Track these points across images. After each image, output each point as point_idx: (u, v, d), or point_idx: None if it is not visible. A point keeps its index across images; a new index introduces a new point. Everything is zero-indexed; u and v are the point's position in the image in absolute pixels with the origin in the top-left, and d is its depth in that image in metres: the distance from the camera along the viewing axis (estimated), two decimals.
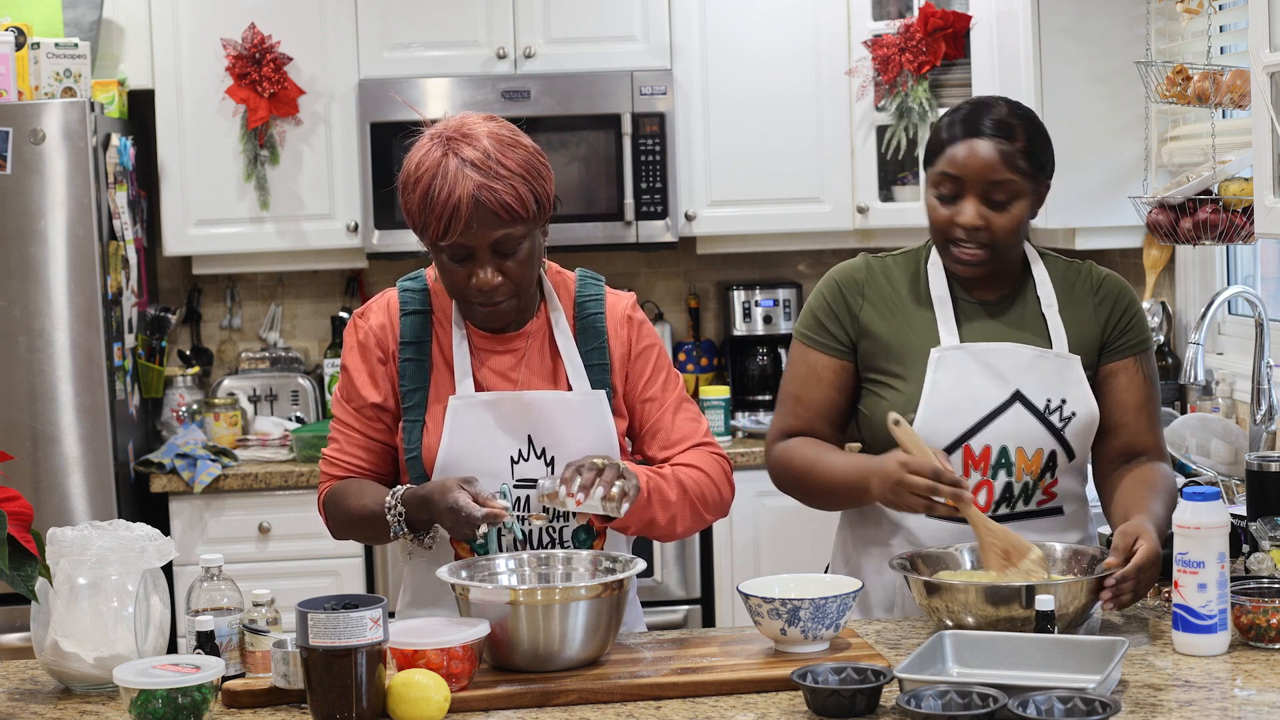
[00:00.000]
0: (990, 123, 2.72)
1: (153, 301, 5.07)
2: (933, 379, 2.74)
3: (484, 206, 2.51)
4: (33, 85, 4.51)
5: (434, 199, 2.52)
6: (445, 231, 2.52)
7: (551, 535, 2.65)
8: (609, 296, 2.76)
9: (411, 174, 2.56)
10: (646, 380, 2.73)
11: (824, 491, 2.80)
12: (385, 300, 2.72)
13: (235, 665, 2.38)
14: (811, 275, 5.40)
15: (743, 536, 4.76)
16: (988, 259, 2.74)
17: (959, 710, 2.10)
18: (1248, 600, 2.46)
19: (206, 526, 4.68)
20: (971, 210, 2.71)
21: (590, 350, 2.70)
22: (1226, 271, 4.29)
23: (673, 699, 2.31)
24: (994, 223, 2.72)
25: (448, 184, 2.51)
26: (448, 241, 2.53)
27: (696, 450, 2.71)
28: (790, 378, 2.87)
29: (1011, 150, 2.71)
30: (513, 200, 2.52)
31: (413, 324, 2.68)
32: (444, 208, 2.51)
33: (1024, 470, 2.74)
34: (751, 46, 5.00)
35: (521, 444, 2.64)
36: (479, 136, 2.54)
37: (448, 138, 2.55)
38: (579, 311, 2.72)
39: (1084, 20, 4.17)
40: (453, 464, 2.61)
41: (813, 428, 2.83)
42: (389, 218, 4.87)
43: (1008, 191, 2.71)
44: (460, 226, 2.51)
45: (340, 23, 4.90)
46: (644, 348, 2.74)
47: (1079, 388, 2.77)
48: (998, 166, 2.70)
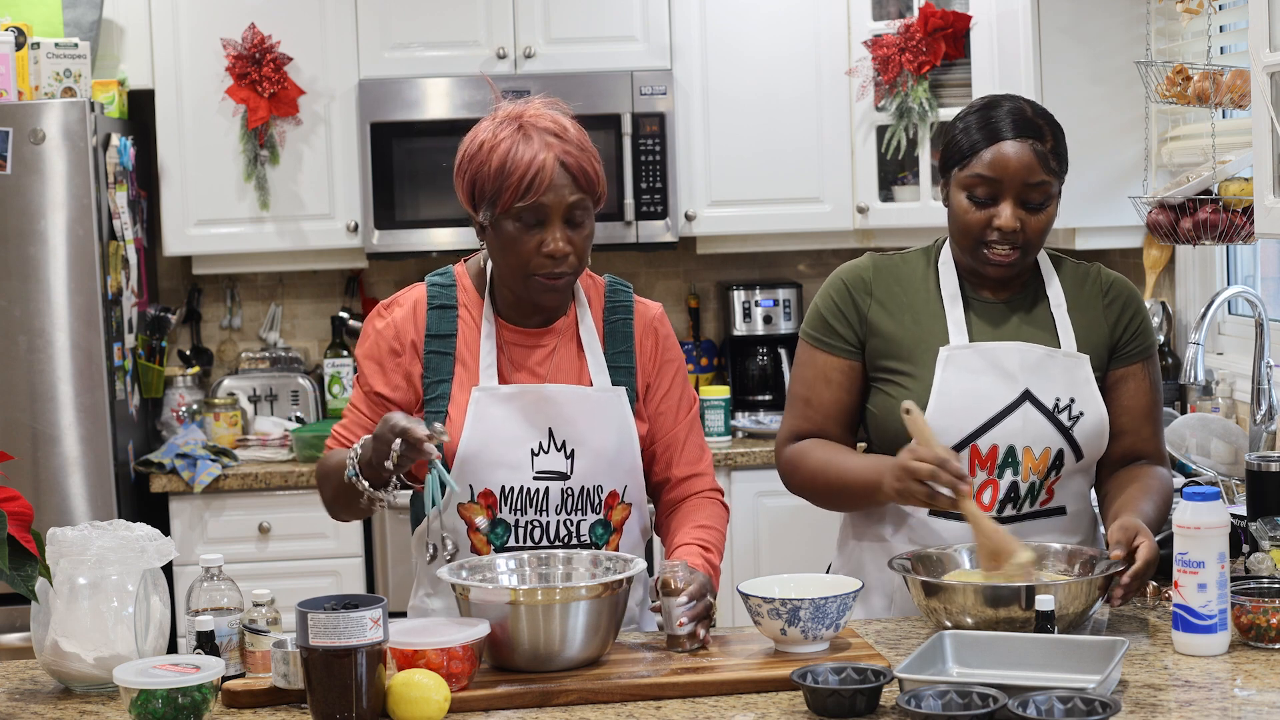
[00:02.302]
0: (1020, 124, 2.73)
1: (153, 301, 5.07)
2: (941, 377, 2.74)
3: (566, 170, 2.59)
4: (33, 85, 4.51)
5: (515, 162, 2.58)
6: (527, 191, 2.57)
7: (569, 529, 2.66)
8: (638, 305, 2.80)
9: (485, 144, 2.62)
10: (666, 394, 2.78)
11: (837, 493, 2.79)
12: (414, 295, 2.74)
13: (235, 665, 2.38)
14: (811, 275, 5.40)
15: (743, 536, 4.76)
16: (1019, 260, 2.75)
17: (959, 710, 2.10)
18: (1248, 600, 2.46)
19: (206, 526, 4.68)
20: (1009, 212, 2.72)
21: (617, 353, 2.73)
22: (1226, 271, 4.30)
23: (673, 699, 2.31)
24: (1029, 224, 2.73)
25: (531, 149, 2.59)
26: (527, 201, 2.58)
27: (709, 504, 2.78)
28: (798, 379, 2.87)
29: (1044, 150, 2.72)
30: (590, 169, 2.62)
31: (439, 317, 2.70)
32: (527, 168, 2.57)
33: (1031, 470, 2.74)
34: (751, 46, 5.00)
35: (543, 436, 2.65)
36: (549, 114, 2.65)
37: (518, 115, 2.64)
38: (608, 315, 2.76)
39: (1084, 20, 4.17)
40: (473, 454, 2.63)
41: (823, 429, 2.83)
42: (389, 218, 4.87)
43: (1044, 193, 2.73)
44: (543, 187, 2.57)
45: (340, 23, 4.90)
46: (667, 360, 2.79)
47: (1088, 387, 2.77)
48: (1035, 168, 2.71)
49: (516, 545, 2.65)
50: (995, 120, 2.74)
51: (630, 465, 2.70)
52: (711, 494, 2.81)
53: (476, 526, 2.65)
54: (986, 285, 2.83)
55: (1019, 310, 2.82)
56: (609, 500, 2.68)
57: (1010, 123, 2.73)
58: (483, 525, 2.64)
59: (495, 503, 2.65)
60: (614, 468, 2.68)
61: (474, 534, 2.66)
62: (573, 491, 2.66)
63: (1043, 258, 2.87)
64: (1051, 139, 2.74)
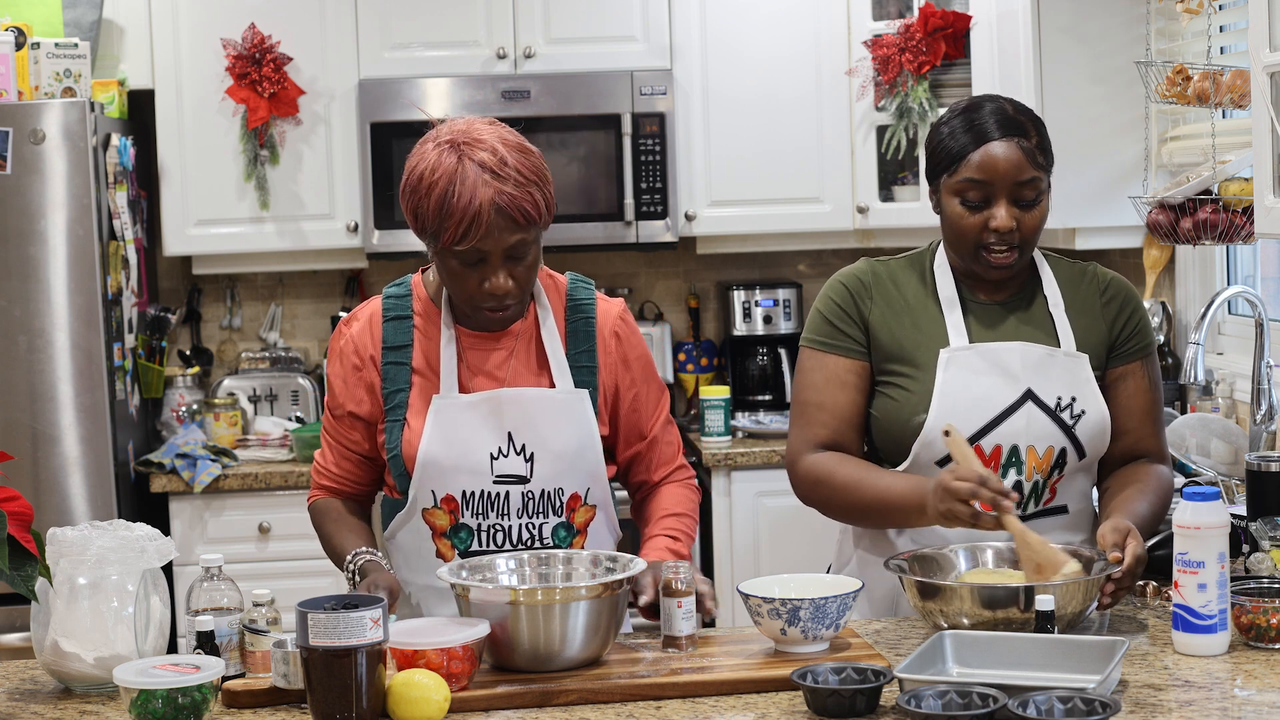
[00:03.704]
0: (1004, 123, 2.73)
1: (153, 301, 5.07)
2: (943, 379, 2.74)
3: (503, 212, 2.53)
4: (33, 85, 4.51)
5: (452, 204, 2.52)
6: (464, 236, 2.53)
7: (531, 532, 2.67)
8: (600, 303, 2.78)
9: (424, 178, 2.56)
10: (636, 393, 2.77)
11: (873, 511, 2.75)
12: (370, 309, 2.76)
13: (235, 665, 2.38)
14: (811, 275, 5.40)
15: (743, 536, 4.76)
16: (1018, 259, 2.76)
17: (959, 710, 2.10)
18: (1248, 600, 2.46)
19: (206, 526, 4.68)
20: (1004, 213, 2.72)
21: (579, 353, 2.72)
22: (1226, 271, 4.29)
23: (673, 699, 2.31)
24: (1024, 222, 2.73)
25: (467, 189, 2.52)
26: (464, 246, 2.55)
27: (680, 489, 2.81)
28: (807, 386, 2.83)
29: (1031, 147, 2.72)
30: (529, 206, 2.55)
31: (394, 329, 2.71)
32: (464, 213, 2.52)
33: (1034, 469, 2.74)
34: (751, 46, 5.00)
35: (501, 441, 2.66)
36: (490, 141, 2.56)
37: (458, 142, 2.56)
38: (570, 315, 2.74)
39: (1084, 20, 4.17)
40: (432, 460, 2.65)
41: (840, 435, 2.80)
42: (389, 218, 4.87)
43: (1035, 189, 2.73)
44: (480, 231, 2.53)
45: (340, 23, 4.90)
46: (636, 356, 2.78)
47: (1088, 386, 2.78)
48: (1024, 165, 2.71)
49: (480, 549, 2.67)
50: (979, 122, 2.73)
51: (592, 467, 2.70)
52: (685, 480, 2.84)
53: (440, 531, 2.68)
54: (983, 287, 2.83)
55: (1016, 311, 2.82)
56: (570, 503, 2.69)
57: (995, 123, 2.72)
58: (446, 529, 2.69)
59: (458, 508, 2.67)
60: (574, 470, 2.68)
61: (439, 539, 2.68)
62: (533, 495, 2.66)
63: (1038, 257, 2.87)
64: (1036, 135, 2.74)
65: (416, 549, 2.71)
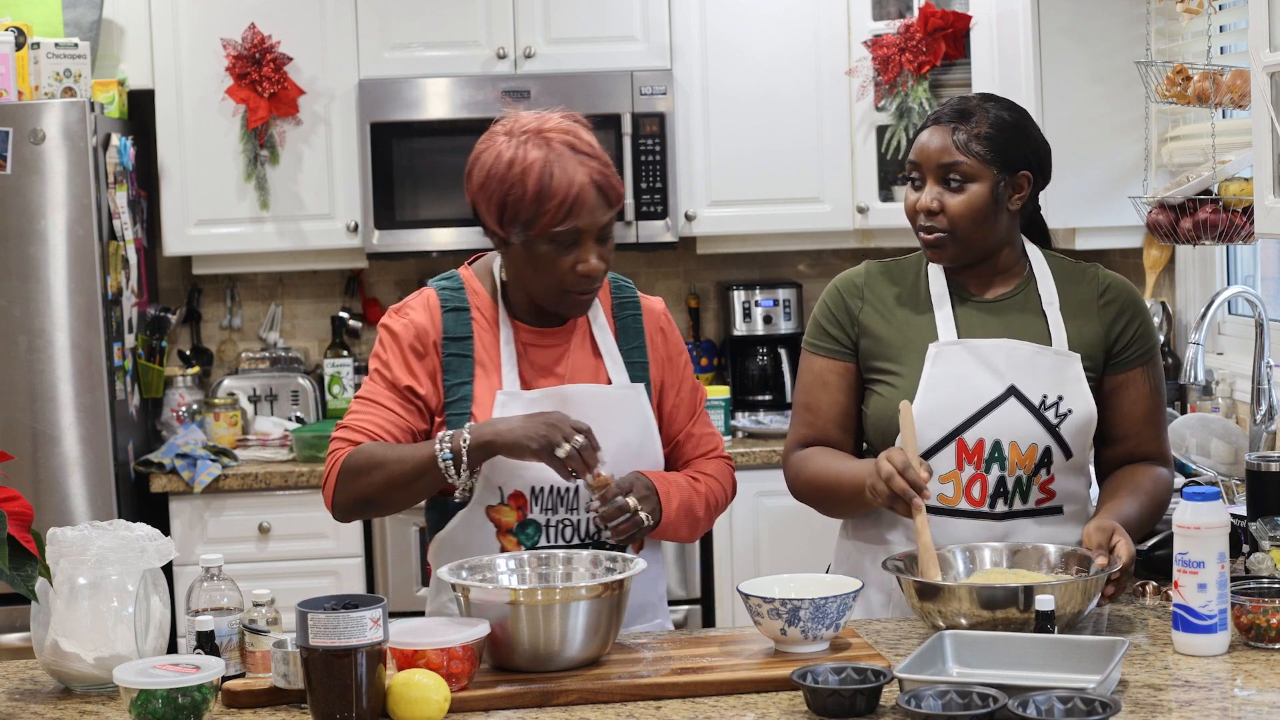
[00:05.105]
0: (951, 111, 2.80)
1: (153, 301, 5.07)
2: (929, 373, 2.76)
3: (601, 191, 2.59)
4: (33, 85, 4.51)
5: (552, 186, 2.56)
6: (566, 216, 2.57)
7: (598, 525, 2.66)
8: (643, 300, 2.82)
9: (514, 165, 2.58)
10: (679, 387, 2.80)
11: (833, 497, 2.80)
12: (424, 298, 2.73)
13: (235, 665, 2.38)
14: (812, 275, 5.40)
15: (743, 536, 4.76)
16: (948, 243, 2.79)
17: (959, 710, 2.10)
18: (1248, 600, 2.46)
19: (206, 526, 4.68)
20: (928, 194, 2.78)
21: (631, 349, 2.76)
22: (1226, 271, 4.29)
23: (673, 699, 2.31)
24: (948, 205, 2.77)
25: (566, 171, 2.57)
26: (565, 226, 2.57)
27: (716, 461, 2.83)
28: (800, 387, 2.90)
29: (966, 134, 2.76)
30: (618, 184, 2.63)
31: (454, 320, 2.71)
32: (565, 193, 2.56)
33: (1016, 465, 2.75)
34: (751, 46, 5.00)
35: None
36: (568, 125, 2.63)
37: (539, 129, 2.60)
38: (618, 312, 2.78)
39: (1084, 20, 4.17)
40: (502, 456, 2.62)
41: (826, 434, 2.85)
42: (389, 218, 4.87)
43: (960, 173, 2.77)
44: (583, 211, 2.58)
45: (340, 23, 4.90)
46: (677, 353, 2.82)
47: (1077, 385, 2.78)
48: (949, 149, 2.77)
49: (548, 545, 2.66)
50: (936, 112, 2.84)
51: (653, 460, 2.73)
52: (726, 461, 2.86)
53: (505, 529, 2.66)
54: (975, 284, 2.84)
55: (1010, 308, 2.83)
56: None
57: (943, 112, 2.81)
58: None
59: (525, 503, 2.65)
60: (638, 462, 2.70)
61: (504, 536, 2.66)
62: None
63: (1036, 256, 2.87)
64: (986, 126, 2.77)
65: (479, 549, 2.65)
